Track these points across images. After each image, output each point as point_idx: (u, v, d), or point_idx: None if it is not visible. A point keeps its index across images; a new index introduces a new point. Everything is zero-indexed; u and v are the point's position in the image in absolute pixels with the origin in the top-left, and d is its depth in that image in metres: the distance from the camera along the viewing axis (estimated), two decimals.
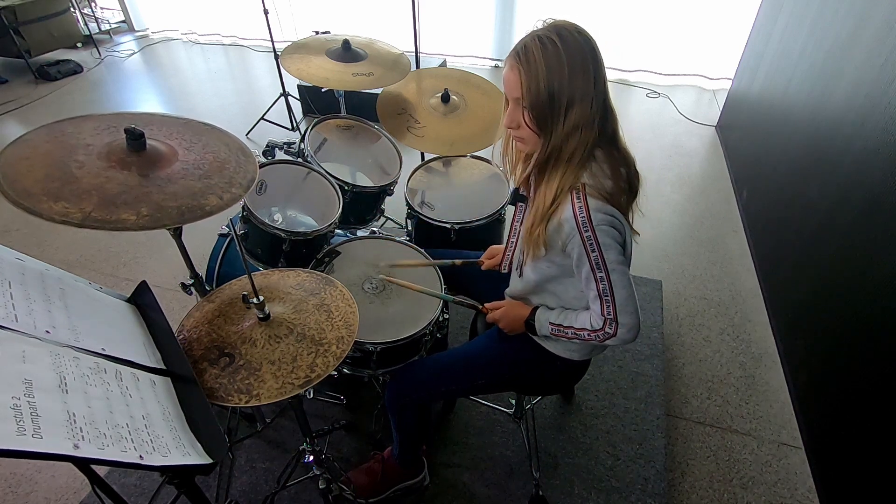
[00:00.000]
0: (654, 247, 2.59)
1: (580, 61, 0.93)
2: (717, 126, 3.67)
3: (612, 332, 1.03)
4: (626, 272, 1.00)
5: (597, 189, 0.98)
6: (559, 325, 1.12)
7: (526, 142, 1.05)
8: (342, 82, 1.82)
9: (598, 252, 0.97)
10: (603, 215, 0.97)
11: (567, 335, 1.11)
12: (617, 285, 0.99)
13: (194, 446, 0.76)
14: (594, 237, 0.96)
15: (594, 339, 1.06)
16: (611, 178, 1.00)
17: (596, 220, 0.96)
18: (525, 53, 0.95)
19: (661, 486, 1.55)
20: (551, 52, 0.93)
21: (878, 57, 1.68)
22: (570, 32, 0.94)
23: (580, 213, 0.96)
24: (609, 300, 1.00)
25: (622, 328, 1.02)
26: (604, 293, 1.00)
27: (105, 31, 5.46)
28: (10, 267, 0.83)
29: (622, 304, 1.00)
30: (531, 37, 0.96)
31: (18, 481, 1.64)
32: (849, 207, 1.68)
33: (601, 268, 0.98)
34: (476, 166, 1.94)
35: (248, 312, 1.02)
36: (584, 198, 0.97)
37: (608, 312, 1.01)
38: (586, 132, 0.97)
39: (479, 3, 4.44)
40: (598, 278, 0.99)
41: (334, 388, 1.78)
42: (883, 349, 1.38)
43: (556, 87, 0.93)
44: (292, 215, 1.56)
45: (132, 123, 1.00)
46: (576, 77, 0.93)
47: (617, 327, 1.02)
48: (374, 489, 1.46)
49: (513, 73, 0.98)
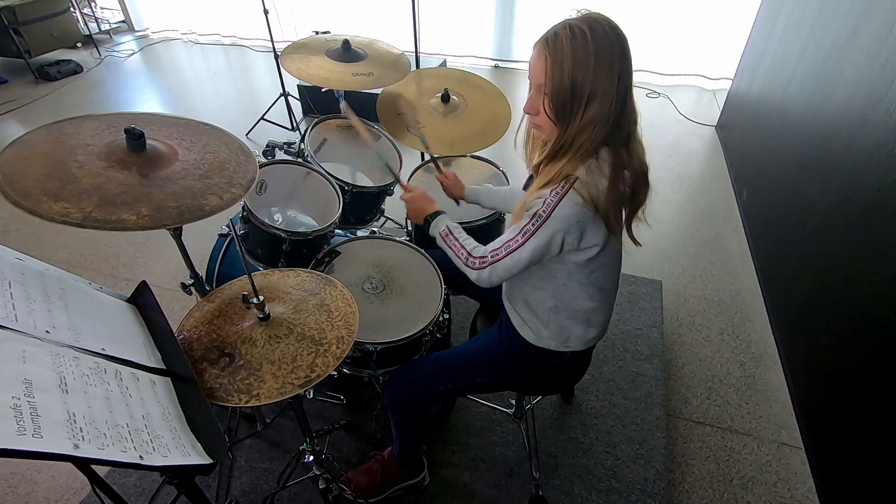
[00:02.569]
0: (654, 247, 2.59)
1: (607, 57, 0.93)
2: (717, 126, 3.67)
3: (479, 267, 1.11)
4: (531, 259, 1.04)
5: (586, 186, 0.97)
6: (452, 232, 1.20)
7: (542, 129, 1.06)
8: (342, 82, 1.81)
9: (536, 228, 1.00)
10: (569, 213, 0.97)
11: (449, 243, 1.19)
12: (519, 253, 1.04)
13: (194, 446, 0.76)
14: (542, 221, 0.99)
15: (462, 258, 1.15)
16: (607, 179, 0.99)
17: (557, 213, 0.97)
18: (554, 41, 0.94)
19: (661, 486, 1.55)
20: (580, 44, 0.92)
21: (878, 57, 1.68)
22: (601, 26, 0.93)
23: (554, 196, 0.98)
24: (503, 252, 1.06)
25: (487, 272, 1.10)
26: (507, 247, 1.06)
27: (105, 31, 5.47)
28: (10, 267, 0.83)
29: (507, 266, 1.07)
30: (563, 25, 0.95)
31: (18, 481, 1.64)
32: (849, 207, 1.68)
33: (525, 235, 1.02)
34: (476, 166, 1.94)
35: (248, 312, 1.02)
36: (569, 189, 0.97)
37: (494, 256, 1.08)
38: (599, 129, 0.97)
39: (479, 3, 4.44)
40: (516, 236, 1.04)
41: (334, 388, 1.78)
42: (883, 349, 1.37)
43: (580, 79, 0.93)
44: (292, 215, 1.56)
45: (132, 123, 1.00)
46: (600, 72, 0.93)
47: (488, 269, 1.10)
48: (374, 489, 1.46)
49: (539, 60, 0.97)
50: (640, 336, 2.02)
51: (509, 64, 4.71)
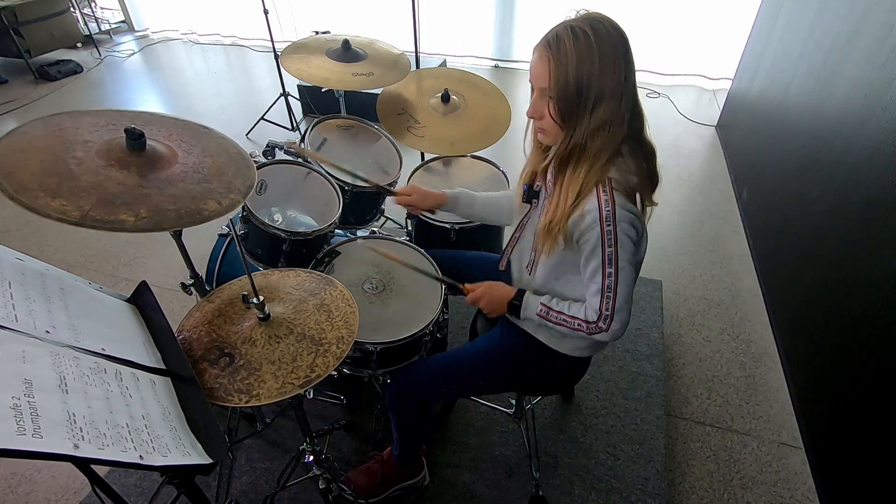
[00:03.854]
0: (654, 247, 2.59)
1: (612, 56, 0.92)
2: (717, 126, 3.67)
3: (605, 328, 1.02)
4: (633, 272, 1.00)
5: (623, 185, 0.97)
6: (549, 307, 1.10)
7: (547, 133, 1.04)
8: (342, 82, 1.82)
9: (614, 248, 0.96)
10: (626, 213, 0.96)
11: (553, 320, 1.09)
12: (622, 284, 0.99)
13: (194, 446, 0.76)
14: (614, 233, 0.95)
15: (582, 329, 1.05)
16: (636, 175, 0.99)
17: (619, 217, 0.95)
18: (556, 43, 0.93)
19: (661, 486, 1.55)
20: (583, 45, 0.91)
21: (878, 57, 1.68)
22: (603, 25, 0.92)
23: (605, 206, 0.95)
24: (611, 296, 0.99)
25: (616, 324, 1.01)
26: (608, 289, 0.99)
27: (105, 31, 5.46)
28: (10, 267, 0.83)
29: (622, 303, 1.00)
30: (563, 26, 0.94)
31: (18, 481, 1.64)
32: (849, 207, 1.68)
33: (612, 264, 0.97)
34: (476, 166, 1.94)
35: (248, 312, 1.02)
36: (612, 192, 0.95)
37: (607, 308, 1.00)
38: (615, 129, 0.96)
39: (479, 3, 4.44)
40: (605, 273, 0.98)
41: (334, 388, 1.78)
42: (883, 349, 1.37)
43: (585, 80, 0.92)
44: (292, 215, 1.56)
45: (132, 122, 1.00)
46: (606, 72, 0.92)
47: (611, 323, 1.01)
48: (374, 489, 1.46)
49: (541, 63, 0.96)
50: (640, 336, 2.02)
51: (509, 64, 4.71)
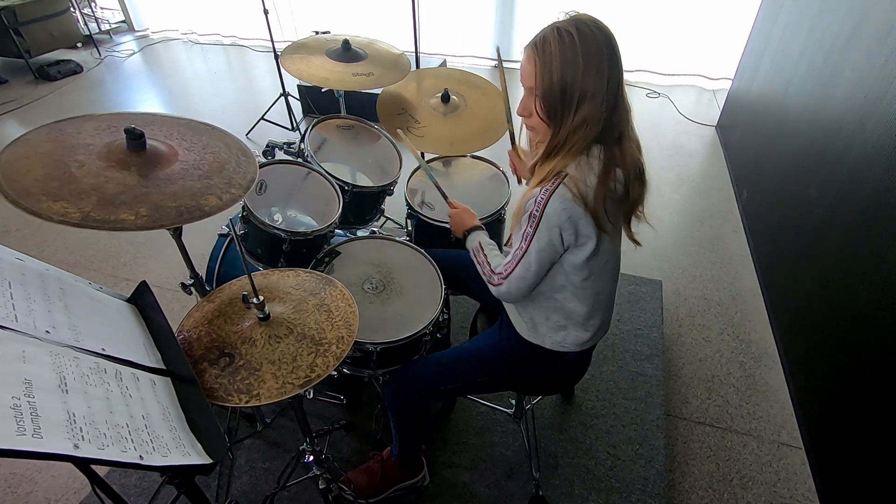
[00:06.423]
0: (654, 247, 2.59)
1: (595, 57, 0.94)
2: (717, 126, 3.67)
3: (496, 283, 1.15)
4: (538, 261, 1.05)
5: (575, 182, 0.99)
6: (482, 248, 1.22)
7: (536, 131, 1.08)
8: (342, 82, 1.82)
9: (533, 231, 1.02)
10: (558, 208, 0.98)
11: (479, 259, 1.22)
12: (522, 263, 1.07)
13: (194, 446, 0.76)
14: (537, 221, 1.01)
15: (486, 275, 1.19)
16: (596, 176, 1.00)
17: (549, 209, 0.98)
18: (542, 44, 0.97)
19: (661, 486, 1.55)
20: (568, 46, 0.94)
21: (878, 57, 1.68)
22: (588, 27, 0.95)
23: (543, 195, 0.99)
24: (513, 263, 1.09)
25: (504, 287, 1.13)
26: (514, 256, 1.08)
27: (105, 31, 5.46)
28: (10, 267, 0.83)
29: (516, 278, 1.09)
30: (551, 28, 0.97)
31: (18, 481, 1.64)
32: (849, 207, 1.68)
33: (527, 241, 1.04)
34: (476, 166, 1.94)
35: (248, 312, 1.02)
36: (558, 185, 0.98)
37: (507, 269, 1.11)
38: (591, 127, 0.98)
39: (479, 3, 4.44)
40: (521, 246, 1.06)
41: (334, 388, 1.78)
42: (883, 349, 1.37)
43: (569, 80, 0.95)
44: (292, 215, 1.56)
45: (132, 123, 1.00)
46: (589, 73, 0.94)
47: (504, 283, 1.12)
48: (374, 489, 1.46)
49: (529, 63, 1.00)
50: (640, 336, 2.02)
51: (509, 64, 4.71)
